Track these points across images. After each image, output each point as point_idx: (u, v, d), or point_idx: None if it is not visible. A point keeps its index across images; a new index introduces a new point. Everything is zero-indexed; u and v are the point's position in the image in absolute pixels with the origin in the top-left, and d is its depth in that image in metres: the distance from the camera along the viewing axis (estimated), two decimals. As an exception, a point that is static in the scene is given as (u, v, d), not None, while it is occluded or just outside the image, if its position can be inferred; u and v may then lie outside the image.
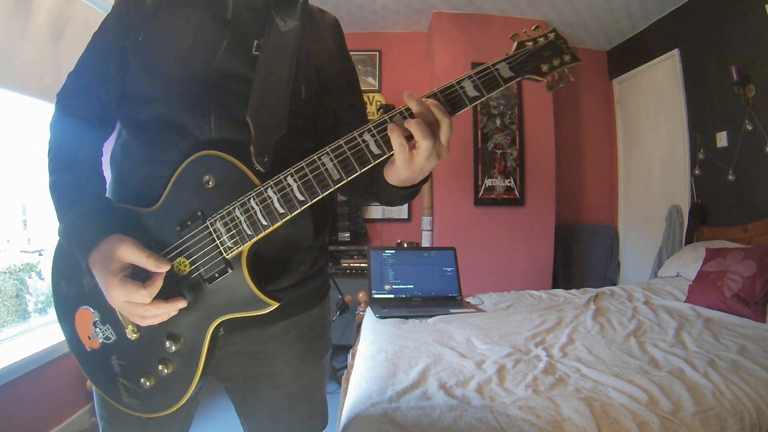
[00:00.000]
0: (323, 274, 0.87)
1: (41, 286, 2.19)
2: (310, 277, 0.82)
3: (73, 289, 0.72)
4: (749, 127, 2.42)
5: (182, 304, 0.64)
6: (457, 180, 3.25)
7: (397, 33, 3.61)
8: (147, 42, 0.71)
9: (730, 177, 2.56)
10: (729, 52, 2.56)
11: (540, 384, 1.19)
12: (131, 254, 0.61)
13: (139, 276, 0.63)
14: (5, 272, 2.03)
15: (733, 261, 2.02)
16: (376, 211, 3.56)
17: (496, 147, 3.28)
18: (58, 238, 0.70)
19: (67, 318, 0.73)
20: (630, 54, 3.51)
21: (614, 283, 3.58)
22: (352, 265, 3.20)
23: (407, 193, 0.70)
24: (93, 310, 0.70)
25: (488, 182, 3.27)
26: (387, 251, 2.17)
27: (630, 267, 3.58)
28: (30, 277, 2.15)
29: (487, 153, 3.28)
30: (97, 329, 0.70)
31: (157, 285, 0.62)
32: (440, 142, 0.60)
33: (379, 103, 3.51)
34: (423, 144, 0.58)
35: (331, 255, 3.24)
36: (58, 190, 0.69)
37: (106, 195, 0.74)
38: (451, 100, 0.62)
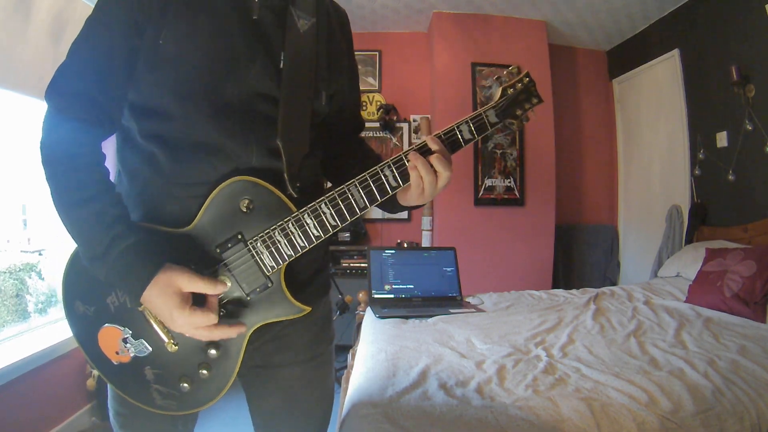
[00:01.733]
0: (328, 267, 0.92)
1: (41, 286, 2.19)
2: (322, 269, 0.86)
3: (92, 309, 0.70)
4: (749, 127, 2.41)
5: (243, 329, 0.70)
6: (457, 180, 3.24)
7: (397, 33, 3.60)
8: (169, 46, 0.65)
9: (730, 177, 2.56)
10: (729, 52, 2.56)
11: (540, 384, 1.19)
12: (192, 284, 0.64)
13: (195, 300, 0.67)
14: (5, 272, 2.03)
15: (733, 261, 2.02)
16: (376, 211, 3.53)
17: (496, 147, 3.27)
18: (81, 263, 0.66)
19: (88, 336, 0.71)
20: (630, 54, 3.51)
21: (614, 283, 3.58)
22: (352, 265, 3.21)
23: (412, 210, 0.83)
24: (122, 328, 0.69)
25: (488, 182, 3.26)
26: (387, 251, 2.17)
27: (630, 267, 3.58)
28: (30, 277, 2.15)
29: (487, 153, 3.27)
30: (128, 345, 0.70)
31: (216, 304, 0.67)
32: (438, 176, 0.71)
33: (379, 103, 3.50)
34: (427, 178, 0.70)
35: (331, 255, 3.24)
36: (77, 215, 0.63)
37: (124, 204, 0.68)
38: (451, 142, 0.73)
